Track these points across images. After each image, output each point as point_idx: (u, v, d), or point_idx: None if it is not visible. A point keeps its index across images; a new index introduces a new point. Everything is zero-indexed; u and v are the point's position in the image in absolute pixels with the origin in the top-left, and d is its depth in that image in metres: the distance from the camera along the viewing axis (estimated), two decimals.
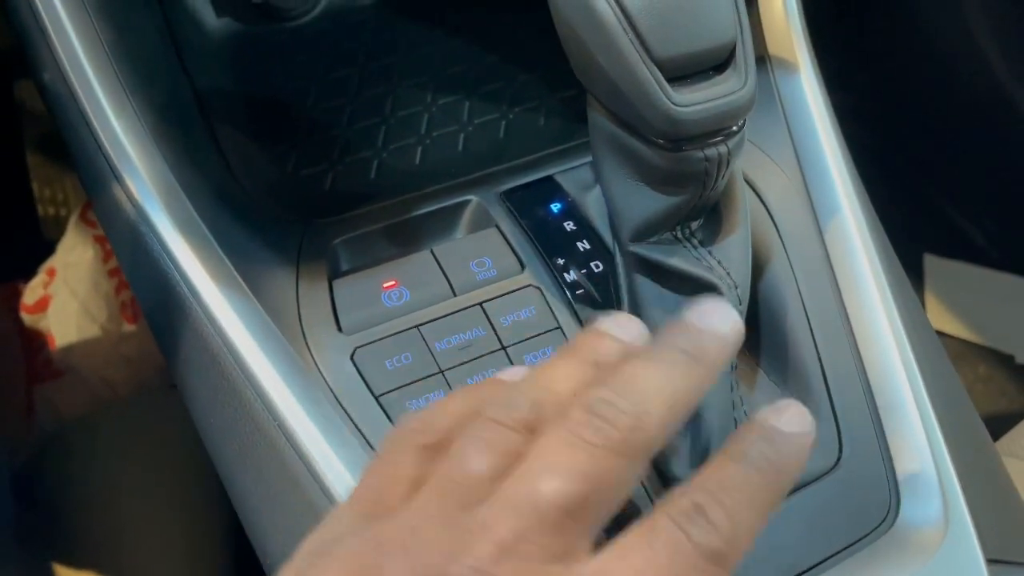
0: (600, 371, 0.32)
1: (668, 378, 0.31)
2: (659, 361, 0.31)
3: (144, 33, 0.54)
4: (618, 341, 0.34)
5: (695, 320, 0.33)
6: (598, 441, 0.28)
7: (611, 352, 0.33)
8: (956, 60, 1.13)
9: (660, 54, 0.38)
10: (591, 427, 0.29)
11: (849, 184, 0.53)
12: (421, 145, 0.56)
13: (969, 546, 0.44)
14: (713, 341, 0.32)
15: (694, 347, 0.32)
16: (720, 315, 0.33)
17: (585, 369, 0.33)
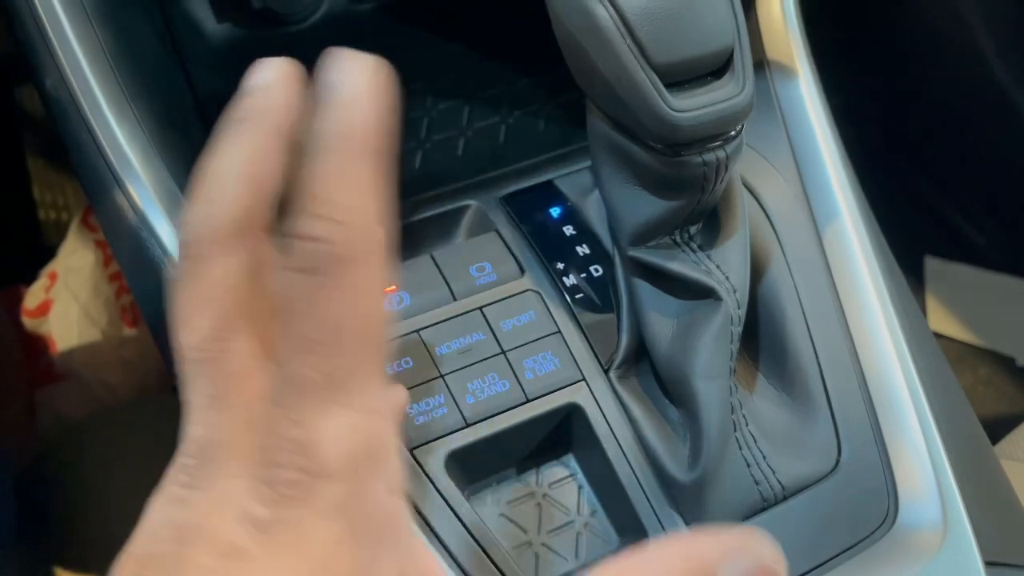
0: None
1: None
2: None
3: (145, 39, 0.54)
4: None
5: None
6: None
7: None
8: (956, 62, 1.13)
9: (658, 60, 0.39)
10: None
11: (847, 188, 0.53)
12: (421, 150, 0.56)
13: (967, 549, 0.44)
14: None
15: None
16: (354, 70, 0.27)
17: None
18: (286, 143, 0.28)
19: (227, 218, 0.27)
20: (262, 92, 0.29)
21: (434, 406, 0.44)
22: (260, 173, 0.28)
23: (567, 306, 0.48)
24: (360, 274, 0.25)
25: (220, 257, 0.27)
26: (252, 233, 0.27)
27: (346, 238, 0.25)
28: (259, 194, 0.27)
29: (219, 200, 0.27)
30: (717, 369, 0.44)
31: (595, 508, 0.46)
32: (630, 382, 0.47)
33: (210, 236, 0.27)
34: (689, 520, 0.44)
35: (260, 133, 0.28)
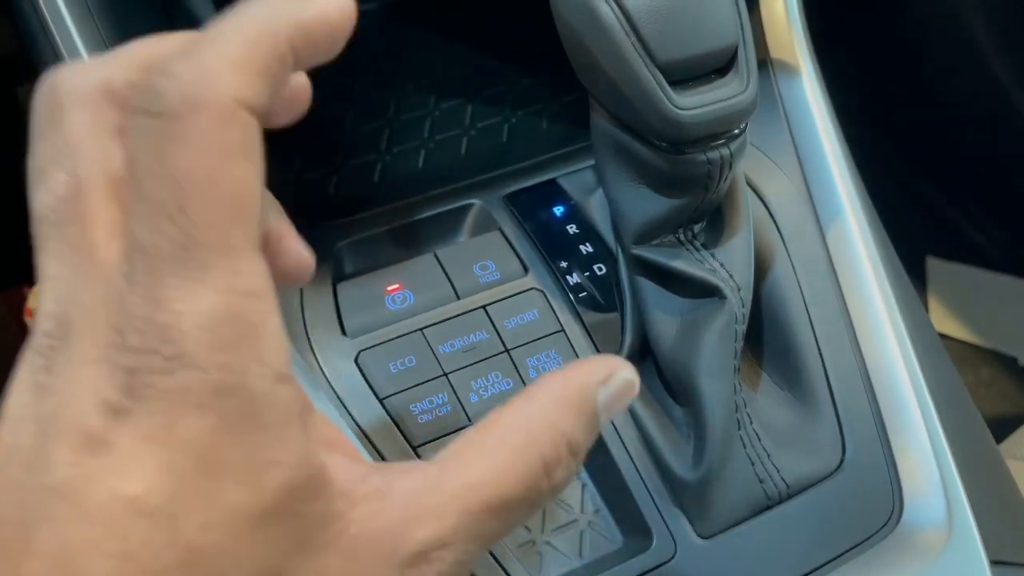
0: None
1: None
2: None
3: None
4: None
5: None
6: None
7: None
8: (958, 62, 1.13)
9: (662, 58, 0.39)
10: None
11: (851, 186, 0.53)
12: (424, 149, 0.56)
13: (972, 547, 0.44)
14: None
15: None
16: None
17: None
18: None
19: (99, 74, 0.26)
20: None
21: (437, 404, 0.44)
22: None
23: (570, 305, 0.48)
24: (214, 124, 0.23)
25: (80, 109, 0.26)
26: (122, 96, 0.26)
27: (196, 78, 0.23)
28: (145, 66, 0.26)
29: (102, 61, 0.26)
30: (721, 367, 0.44)
31: (599, 507, 0.46)
32: None
33: (75, 86, 0.26)
34: (693, 518, 0.44)
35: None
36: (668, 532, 0.43)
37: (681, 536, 0.43)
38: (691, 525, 0.44)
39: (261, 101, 0.24)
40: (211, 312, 0.23)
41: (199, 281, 0.23)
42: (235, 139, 0.24)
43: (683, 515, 0.44)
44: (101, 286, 0.24)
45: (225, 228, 0.23)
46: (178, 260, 0.23)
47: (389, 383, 0.45)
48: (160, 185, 0.23)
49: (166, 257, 0.23)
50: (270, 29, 0.25)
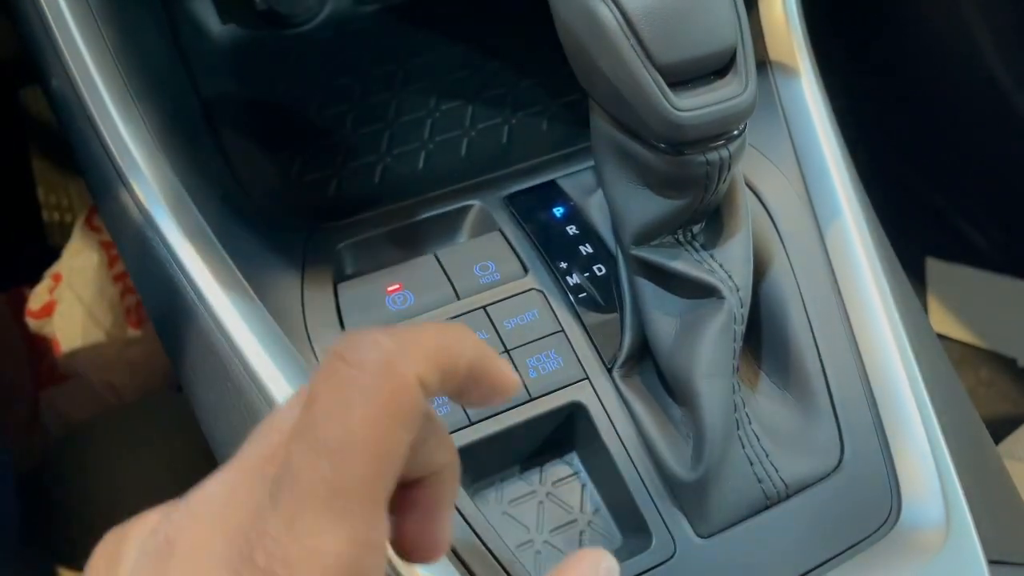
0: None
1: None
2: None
3: (150, 39, 0.54)
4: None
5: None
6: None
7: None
8: (957, 64, 1.13)
9: (662, 59, 0.39)
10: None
11: (850, 187, 0.53)
12: (424, 150, 0.56)
13: (971, 547, 0.44)
14: None
15: None
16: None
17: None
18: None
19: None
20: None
21: (437, 404, 0.45)
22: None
23: (570, 305, 0.48)
24: (395, 390, 0.26)
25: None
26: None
27: (395, 350, 0.26)
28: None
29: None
30: (720, 368, 0.44)
31: (598, 507, 0.46)
32: (633, 381, 0.47)
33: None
34: (692, 518, 0.44)
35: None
36: (667, 532, 0.43)
37: (680, 535, 0.43)
38: (690, 525, 0.44)
39: (432, 391, 0.27)
40: (338, 557, 0.24)
41: (338, 524, 0.24)
42: (405, 407, 0.26)
43: (682, 515, 0.44)
44: (244, 493, 0.26)
45: (374, 482, 0.25)
46: (324, 499, 0.24)
47: None
48: (332, 424, 0.25)
49: (315, 493, 0.24)
50: (461, 349, 0.29)
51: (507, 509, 0.45)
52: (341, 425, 0.25)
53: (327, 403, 0.25)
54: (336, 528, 0.24)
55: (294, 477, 0.25)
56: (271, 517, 0.24)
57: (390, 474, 0.26)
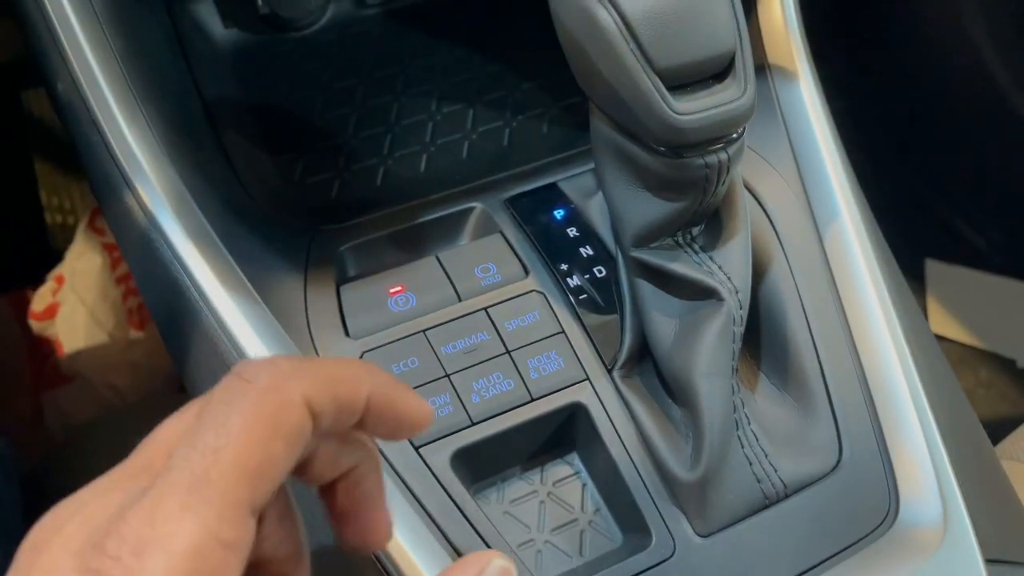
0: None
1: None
2: None
3: (154, 43, 0.55)
4: None
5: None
6: None
7: None
8: (956, 66, 1.14)
9: (661, 63, 0.39)
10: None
11: (848, 190, 0.53)
12: (426, 153, 0.57)
13: (968, 546, 0.45)
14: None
15: None
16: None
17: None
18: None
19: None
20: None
21: (440, 405, 0.45)
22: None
23: (571, 306, 0.49)
24: (278, 406, 0.28)
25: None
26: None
27: (287, 372, 0.28)
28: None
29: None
30: (719, 368, 0.44)
31: (599, 506, 0.46)
32: (633, 381, 0.47)
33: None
34: (692, 517, 0.44)
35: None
36: (667, 531, 0.44)
37: (680, 535, 0.44)
38: (690, 524, 0.44)
39: (322, 417, 0.29)
40: (187, 546, 0.25)
41: (194, 515, 0.25)
42: (286, 422, 0.28)
43: (682, 514, 0.44)
44: (116, 495, 0.27)
45: (240, 485, 0.26)
46: (186, 489, 0.26)
47: None
48: (212, 427, 0.27)
49: (179, 484, 0.26)
50: (358, 382, 0.30)
51: (508, 509, 0.46)
52: (220, 427, 0.27)
53: (213, 411, 0.27)
54: (192, 517, 0.25)
55: (167, 472, 0.26)
56: (134, 508, 0.26)
57: (260, 482, 0.27)
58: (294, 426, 0.28)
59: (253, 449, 0.27)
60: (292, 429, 0.28)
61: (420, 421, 0.32)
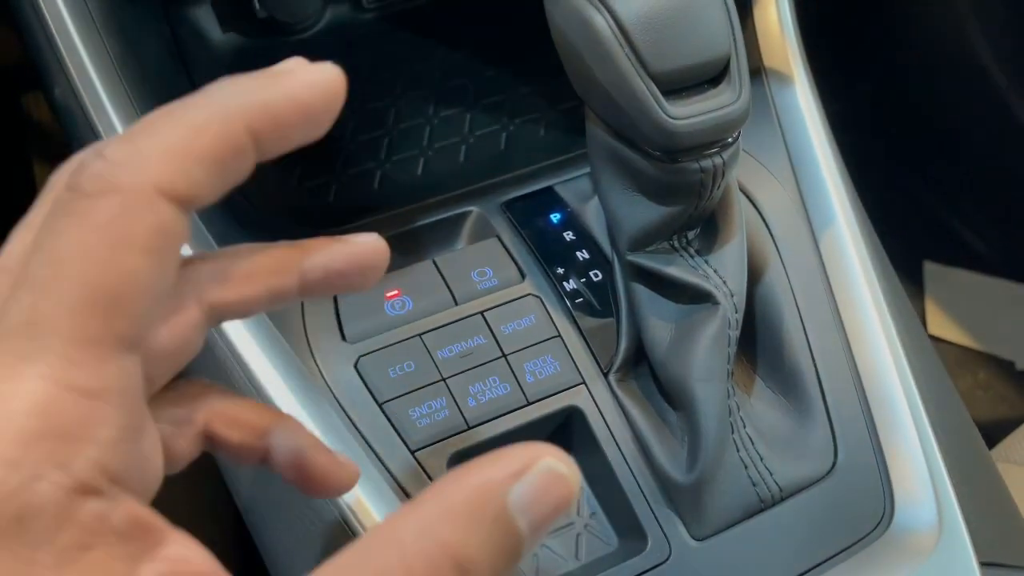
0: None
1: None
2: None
3: (151, 48, 0.55)
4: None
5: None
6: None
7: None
8: (953, 69, 1.14)
9: (656, 68, 0.39)
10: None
11: (844, 193, 0.54)
12: (423, 157, 0.57)
13: (963, 549, 0.45)
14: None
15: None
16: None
17: None
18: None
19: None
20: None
21: (436, 409, 0.45)
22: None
23: (567, 310, 0.49)
24: (116, 209, 0.22)
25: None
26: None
27: (121, 160, 0.23)
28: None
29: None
30: (715, 372, 0.44)
31: (595, 510, 0.46)
32: (629, 385, 0.47)
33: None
34: (687, 521, 0.44)
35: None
36: (663, 534, 0.44)
37: (675, 538, 0.44)
38: (685, 527, 0.44)
39: (195, 191, 0.23)
40: (26, 400, 0.21)
41: (28, 363, 0.21)
42: (138, 229, 0.22)
43: (677, 517, 0.44)
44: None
45: (84, 317, 0.22)
46: (19, 335, 0.21)
47: (388, 388, 0.45)
48: (40, 259, 0.22)
49: (9, 331, 0.21)
50: (225, 114, 0.24)
51: None
52: (48, 255, 0.22)
53: (40, 236, 0.22)
54: (29, 367, 0.21)
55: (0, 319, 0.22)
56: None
57: (118, 309, 0.22)
58: (151, 228, 0.22)
59: (95, 271, 0.22)
60: (149, 233, 0.22)
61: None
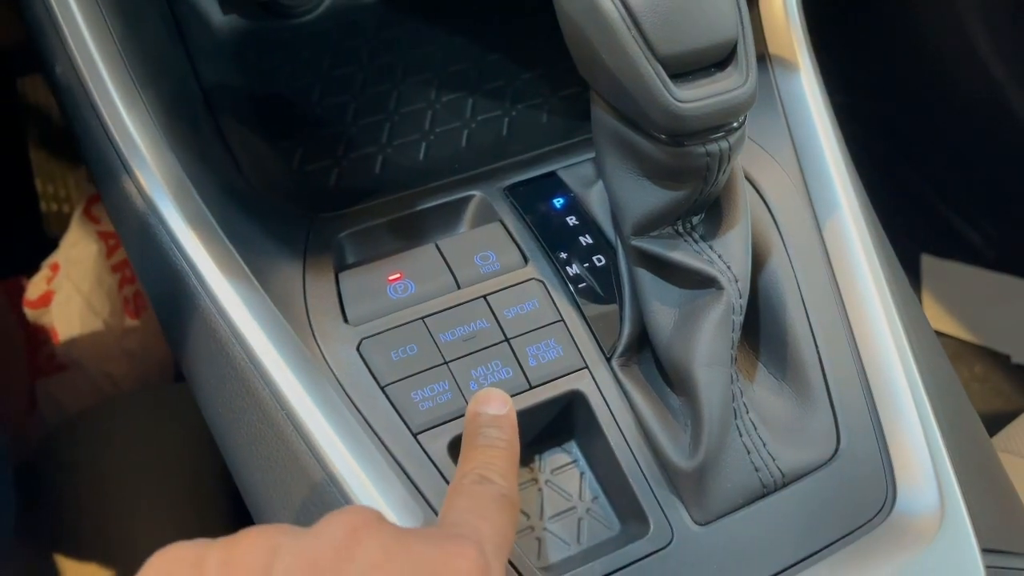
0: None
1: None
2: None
3: (153, 28, 0.55)
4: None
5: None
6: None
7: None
8: (953, 62, 1.14)
9: (663, 51, 0.39)
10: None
11: (847, 180, 0.53)
12: (425, 141, 0.57)
13: (964, 535, 0.45)
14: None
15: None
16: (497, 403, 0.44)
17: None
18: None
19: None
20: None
21: (438, 392, 0.45)
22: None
23: (570, 295, 0.49)
24: (514, 512, 0.38)
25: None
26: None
27: (511, 489, 0.39)
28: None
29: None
30: (718, 357, 0.44)
31: (597, 494, 0.46)
32: (632, 370, 0.47)
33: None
34: (689, 505, 0.44)
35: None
36: (665, 519, 0.44)
37: (678, 523, 0.44)
38: (687, 512, 0.44)
39: None
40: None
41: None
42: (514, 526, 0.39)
43: (680, 502, 0.44)
44: None
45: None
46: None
47: (390, 371, 0.45)
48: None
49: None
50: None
51: None
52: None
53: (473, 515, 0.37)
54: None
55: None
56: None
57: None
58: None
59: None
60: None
61: None
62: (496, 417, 0.43)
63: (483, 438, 0.42)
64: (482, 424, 0.42)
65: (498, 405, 0.43)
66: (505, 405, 0.43)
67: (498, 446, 0.41)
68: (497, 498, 0.38)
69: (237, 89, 0.58)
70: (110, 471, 0.82)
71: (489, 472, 0.40)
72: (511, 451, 0.42)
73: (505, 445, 0.42)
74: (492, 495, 0.38)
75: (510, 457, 0.41)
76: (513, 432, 0.43)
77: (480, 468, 0.40)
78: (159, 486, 0.81)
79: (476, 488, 0.39)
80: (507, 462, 0.41)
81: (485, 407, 0.43)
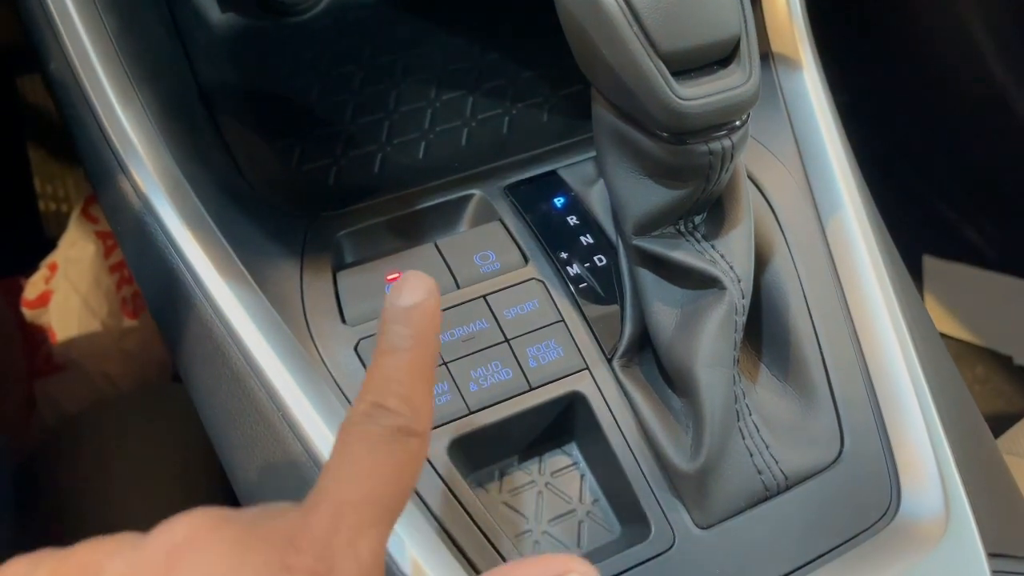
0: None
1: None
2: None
3: (150, 26, 0.54)
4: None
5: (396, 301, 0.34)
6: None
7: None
8: (955, 62, 1.14)
9: (665, 48, 0.39)
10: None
11: (851, 180, 0.53)
12: (424, 140, 0.56)
13: (970, 539, 0.44)
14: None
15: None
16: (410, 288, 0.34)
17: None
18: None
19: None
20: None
21: (437, 393, 0.44)
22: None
23: (570, 295, 0.48)
24: (415, 446, 0.31)
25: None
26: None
27: (412, 415, 0.31)
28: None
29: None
30: (720, 358, 0.44)
31: (597, 497, 0.46)
32: (633, 371, 0.47)
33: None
34: (691, 508, 0.44)
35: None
36: (666, 522, 0.43)
37: (679, 526, 0.43)
38: (689, 515, 0.44)
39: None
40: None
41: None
42: (423, 457, 0.33)
43: (681, 505, 0.44)
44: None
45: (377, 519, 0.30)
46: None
47: None
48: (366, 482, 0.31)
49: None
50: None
51: (506, 499, 0.45)
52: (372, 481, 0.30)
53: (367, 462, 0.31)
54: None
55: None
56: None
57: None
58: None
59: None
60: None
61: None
62: (406, 310, 0.33)
63: (385, 341, 0.33)
64: (387, 320, 0.33)
65: (411, 293, 0.33)
66: (418, 291, 0.33)
67: (402, 349, 0.32)
68: (386, 438, 0.31)
69: (235, 87, 0.57)
70: (108, 471, 0.82)
71: (385, 396, 0.31)
72: (420, 354, 0.32)
73: (411, 345, 0.32)
74: (378, 435, 0.31)
75: (417, 364, 0.32)
76: (427, 326, 0.33)
77: (374, 392, 0.32)
78: (157, 486, 0.81)
79: (359, 430, 0.31)
80: (410, 373, 0.32)
81: (396, 298, 0.33)
